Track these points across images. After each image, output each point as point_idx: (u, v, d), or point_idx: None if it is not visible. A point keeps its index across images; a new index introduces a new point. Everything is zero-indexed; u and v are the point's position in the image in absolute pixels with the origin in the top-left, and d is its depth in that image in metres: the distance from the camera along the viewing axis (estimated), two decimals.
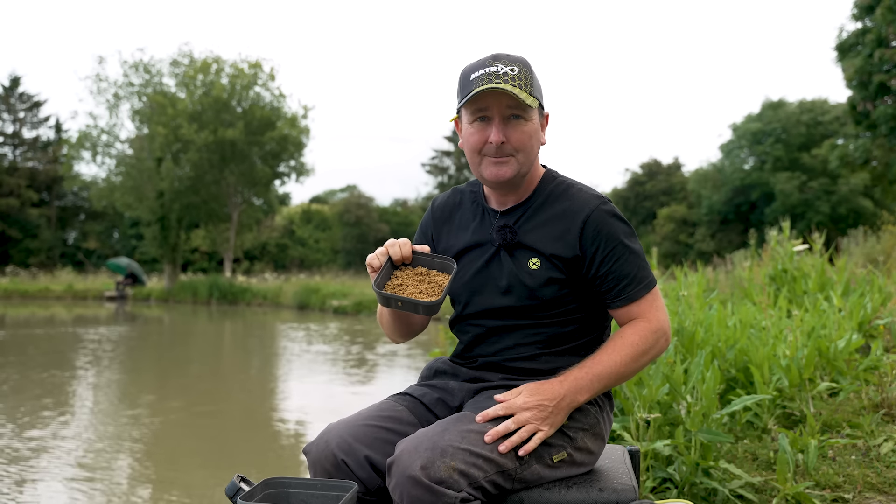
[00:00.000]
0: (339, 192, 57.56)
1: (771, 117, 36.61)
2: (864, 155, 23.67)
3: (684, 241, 38.95)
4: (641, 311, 1.79)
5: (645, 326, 1.78)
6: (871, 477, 2.81)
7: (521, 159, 1.80)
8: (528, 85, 1.77)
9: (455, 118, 1.90)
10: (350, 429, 1.76)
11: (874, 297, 5.56)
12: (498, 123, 1.77)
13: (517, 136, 1.78)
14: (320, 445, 1.75)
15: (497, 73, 1.74)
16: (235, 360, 12.66)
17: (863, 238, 11.40)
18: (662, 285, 5.32)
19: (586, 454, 1.78)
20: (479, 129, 1.79)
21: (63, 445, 5.96)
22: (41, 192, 45.28)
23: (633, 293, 1.78)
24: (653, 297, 1.81)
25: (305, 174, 34.20)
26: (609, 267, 1.78)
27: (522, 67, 1.78)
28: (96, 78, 32.22)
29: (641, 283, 1.79)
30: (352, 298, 23.97)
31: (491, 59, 1.78)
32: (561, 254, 1.79)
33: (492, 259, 1.86)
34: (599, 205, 1.81)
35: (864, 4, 21.47)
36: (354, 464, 1.71)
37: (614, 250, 1.78)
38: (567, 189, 1.86)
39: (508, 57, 1.79)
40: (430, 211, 2.03)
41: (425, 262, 1.82)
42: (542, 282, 1.79)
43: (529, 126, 1.79)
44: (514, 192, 1.87)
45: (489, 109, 1.77)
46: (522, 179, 1.84)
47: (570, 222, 1.80)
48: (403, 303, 1.69)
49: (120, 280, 31.12)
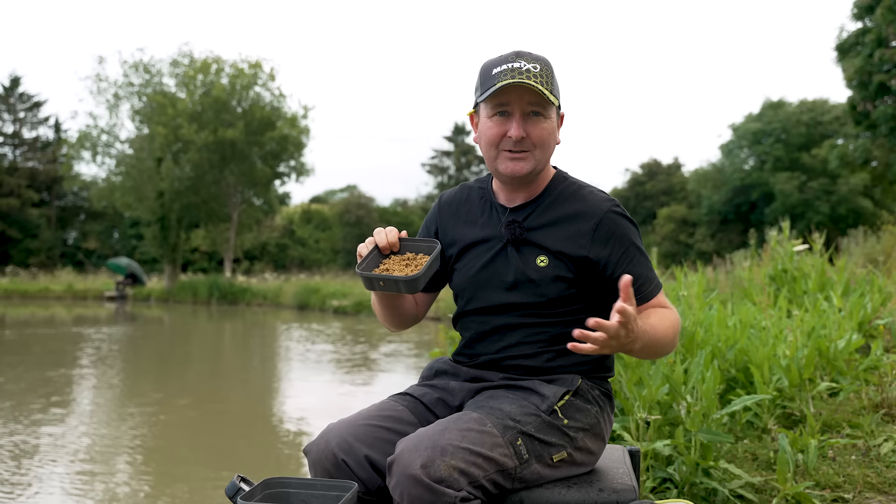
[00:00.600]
0: (339, 192, 57.55)
1: (771, 117, 36.63)
2: (864, 155, 23.69)
3: (684, 241, 38.96)
4: (660, 305, 1.82)
5: (673, 314, 1.80)
6: (871, 477, 2.81)
7: (538, 156, 1.81)
8: (549, 83, 1.78)
9: (471, 112, 1.91)
10: (350, 428, 1.76)
11: (874, 297, 5.56)
12: (518, 118, 1.78)
13: (537, 133, 1.79)
14: (320, 445, 1.75)
15: (520, 69, 1.76)
16: (235, 361, 12.66)
17: (863, 238, 11.40)
18: (663, 285, 5.32)
19: (586, 454, 1.78)
20: (499, 123, 1.80)
21: (63, 445, 5.96)
22: (41, 192, 45.29)
23: (649, 292, 1.81)
24: (663, 296, 1.85)
25: (305, 174, 34.22)
26: (624, 268, 1.79)
27: (545, 66, 1.80)
28: (96, 78, 32.24)
29: (653, 283, 1.83)
30: (352, 298, 23.98)
31: (514, 55, 1.80)
32: (570, 253, 1.80)
33: (498, 254, 1.86)
34: (611, 207, 1.83)
35: (864, 4, 21.48)
36: (355, 463, 1.71)
37: (627, 251, 1.80)
38: (578, 190, 1.88)
39: (531, 55, 1.81)
40: (437, 205, 2.03)
41: (412, 248, 1.83)
42: (549, 279, 1.80)
43: (549, 124, 1.81)
44: (525, 188, 1.88)
45: (510, 104, 1.78)
46: (536, 177, 1.85)
47: (581, 224, 1.81)
48: (385, 281, 1.69)
49: (120, 280, 31.13)
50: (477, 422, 1.64)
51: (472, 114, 1.91)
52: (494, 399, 1.75)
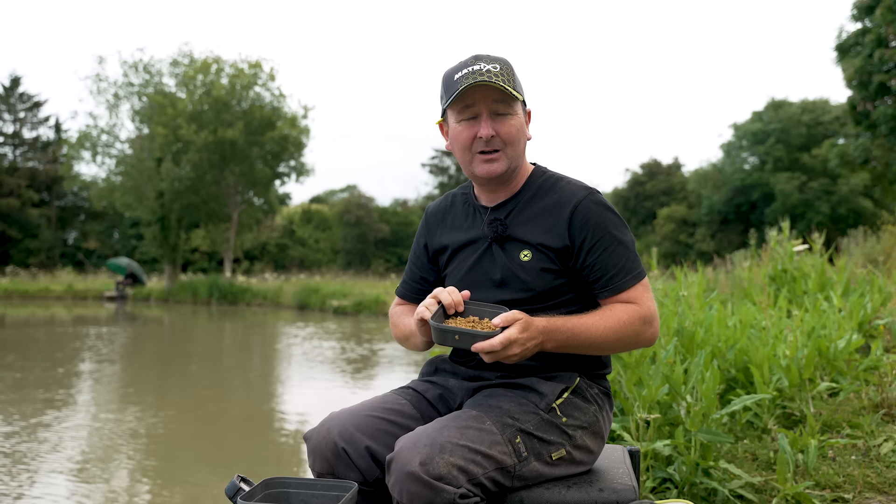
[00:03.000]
0: (339, 192, 57.55)
1: (771, 117, 36.62)
2: (864, 155, 23.66)
3: (684, 241, 38.94)
4: (630, 301, 1.79)
5: (635, 309, 1.77)
6: (871, 477, 2.81)
7: (510, 153, 1.82)
8: (510, 81, 1.80)
9: (440, 121, 1.92)
10: (353, 418, 1.76)
11: (874, 297, 5.56)
12: (486, 118, 1.80)
13: (506, 130, 1.81)
14: (321, 432, 1.75)
15: (480, 70, 1.78)
16: (235, 360, 12.66)
17: (863, 238, 11.39)
18: (662, 285, 5.32)
19: (586, 453, 1.79)
20: (468, 127, 1.82)
21: (63, 445, 5.96)
22: (41, 192, 45.28)
23: (621, 283, 1.78)
24: (642, 289, 1.81)
25: (305, 174, 34.20)
26: (596, 257, 1.78)
27: (504, 65, 1.82)
28: (96, 78, 32.19)
29: (630, 274, 1.79)
30: (352, 298, 23.97)
31: (472, 59, 1.82)
32: (550, 244, 1.80)
33: (484, 253, 1.88)
34: (587, 195, 1.83)
35: (863, 5, 21.46)
36: (355, 453, 1.71)
37: (601, 240, 1.79)
38: (556, 182, 1.89)
39: (490, 56, 1.83)
40: (424, 219, 2.06)
41: (476, 311, 1.77)
42: (535, 273, 1.81)
43: (516, 120, 1.82)
44: (504, 187, 1.89)
45: (476, 105, 1.80)
46: (513, 174, 1.87)
47: (558, 214, 1.82)
48: (461, 335, 1.64)
49: (120, 280, 31.11)
50: (476, 419, 1.65)
51: (440, 122, 1.93)
52: (493, 397, 1.76)
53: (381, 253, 47.69)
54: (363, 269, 41.99)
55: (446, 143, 1.92)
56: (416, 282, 2.05)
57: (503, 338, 1.60)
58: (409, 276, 2.07)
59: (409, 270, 2.07)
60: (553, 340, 1.69)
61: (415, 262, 2.06)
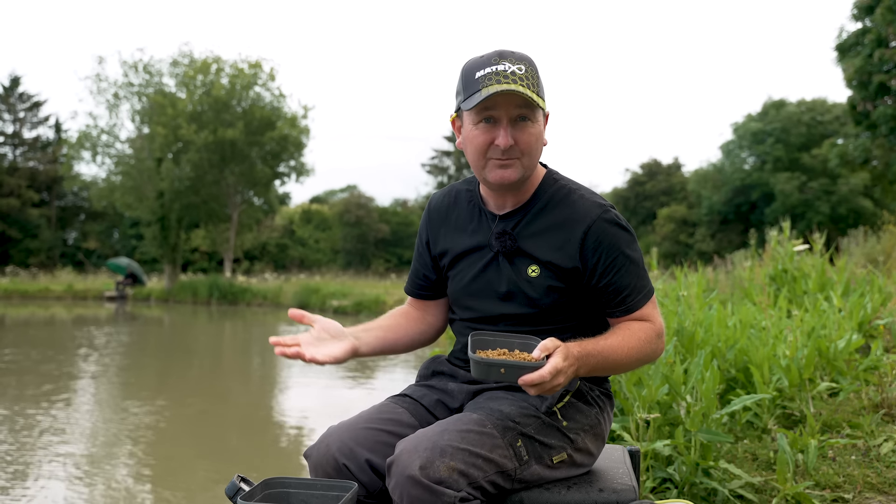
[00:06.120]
0: (339, 192, 57.53)
1: (772, 117, 36.61)
2: (864, 155, 23.67)
3: (684, 241, 38.95)
4: (643, 318, 1.79)
5: (650, 327, 1.77)
6: (871, 477, 2.81)
7: (527, 162, 1.75)
8: (535, 85, 1.70)
9: (454, 116, 1.84)
10: (351, 432, 1.75)
11: (874, 297, 5.56)
12: (506, 126, 1.70)
13: (525, 139, 1.72)
14: (321, 449, 1.74)
15: (504, 72, 1.68)
16: (235, 361, 12.66)
17: (863, 238, 11.39)
18: (662, 285, 5.32)
19: (586, 455, 1.78)
20: (486, 131, 1.72)
21: (63, 445, 5.95)
22: (41, 192, 45.26)
23: (634, 303, 1.77)
24: (652, 306, 1.81)
25: (305, 174, 34.19)
26: (610, 279, 1.75)
27: (529, 66, 1.71)
28: (96, 78, 32.19)
29: (641, 293, 1.78)
30: (352, 298, 23.98)
31: (497, 56, 1.71)
32: (560, 263, 1.76)
33: (490, 264, 1.83)
34: (601, 214, 1.76)
35: (863, 5, 21.47)
36: (356, 467, 1.70)
37: (615, 262, 1.75)
38: (569, 195, 1.81)
39: (514, 55, 1.72)
40: (427, 213, 2.00)
41: (503, 343, 1.69)
42: (542, 290, 1.78)
43: (536, 128, 1.73)
44: (514, 194, 1.82)
45: (497, 110, 1.69)
46: (525, 182, 1.80)
47: (570, 232, 1.76)
48: (507, 368, 1.53)
49: (120, 280, 31.09)
50: (477, 423, 1.64)
51: (454, 118, 1.84)
52: (494, 400, 1.75)
53: (381, 253, 47.70)
54: (363, 269, 42.01)
55: (458, 141, 1.83)
56: (420, 279, 2.02)
57: (552, 367, 1.51)
58: (413, 272, 2.04)
59: (414, 267, 2.04)
60: (586, 366, 1.64)
61: (418, 259, 2.03)
